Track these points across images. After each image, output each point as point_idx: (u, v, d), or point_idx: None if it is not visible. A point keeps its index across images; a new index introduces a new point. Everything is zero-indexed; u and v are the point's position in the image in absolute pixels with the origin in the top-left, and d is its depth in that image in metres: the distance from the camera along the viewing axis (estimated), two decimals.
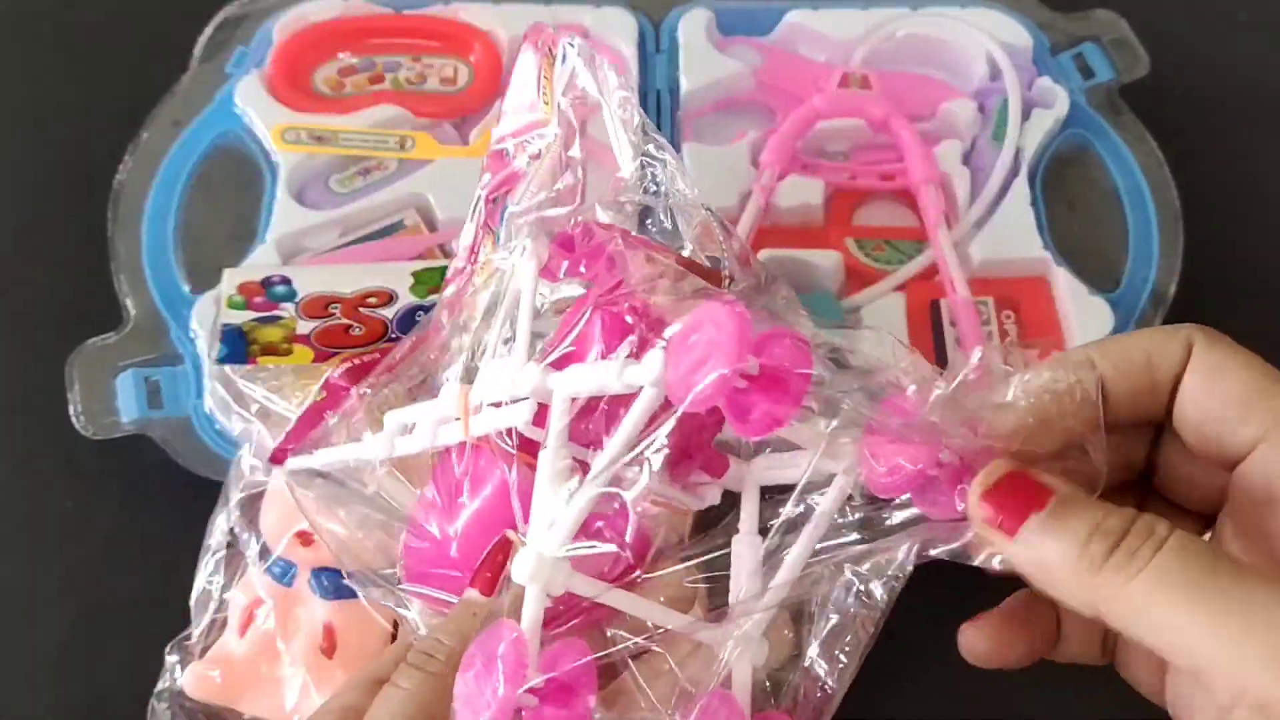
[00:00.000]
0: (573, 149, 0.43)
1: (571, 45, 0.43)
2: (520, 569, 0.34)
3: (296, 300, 0.53)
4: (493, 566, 0.38)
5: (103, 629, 0.52)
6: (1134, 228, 0.59)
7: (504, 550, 0.38)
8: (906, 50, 0.64)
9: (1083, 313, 0.55)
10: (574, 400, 0.37)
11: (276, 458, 0.45)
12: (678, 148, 0.60)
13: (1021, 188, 0.59)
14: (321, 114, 0.61)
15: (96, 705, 0.50)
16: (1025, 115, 0.61)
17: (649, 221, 0.43)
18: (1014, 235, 0.58)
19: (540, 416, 0.37)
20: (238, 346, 0.51)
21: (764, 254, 0.56)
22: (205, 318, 0.54)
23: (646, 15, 0.64)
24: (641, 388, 0.34)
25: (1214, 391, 0.34)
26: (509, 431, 0.38)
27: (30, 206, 0.64)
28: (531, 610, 0.34)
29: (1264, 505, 0.34)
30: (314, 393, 0.46)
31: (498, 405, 0.38)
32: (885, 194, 0.61)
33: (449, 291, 0.45)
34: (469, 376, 0.41)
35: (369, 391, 0.44)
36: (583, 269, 0.40)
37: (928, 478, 0.34)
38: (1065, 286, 0.56)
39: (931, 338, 0.55)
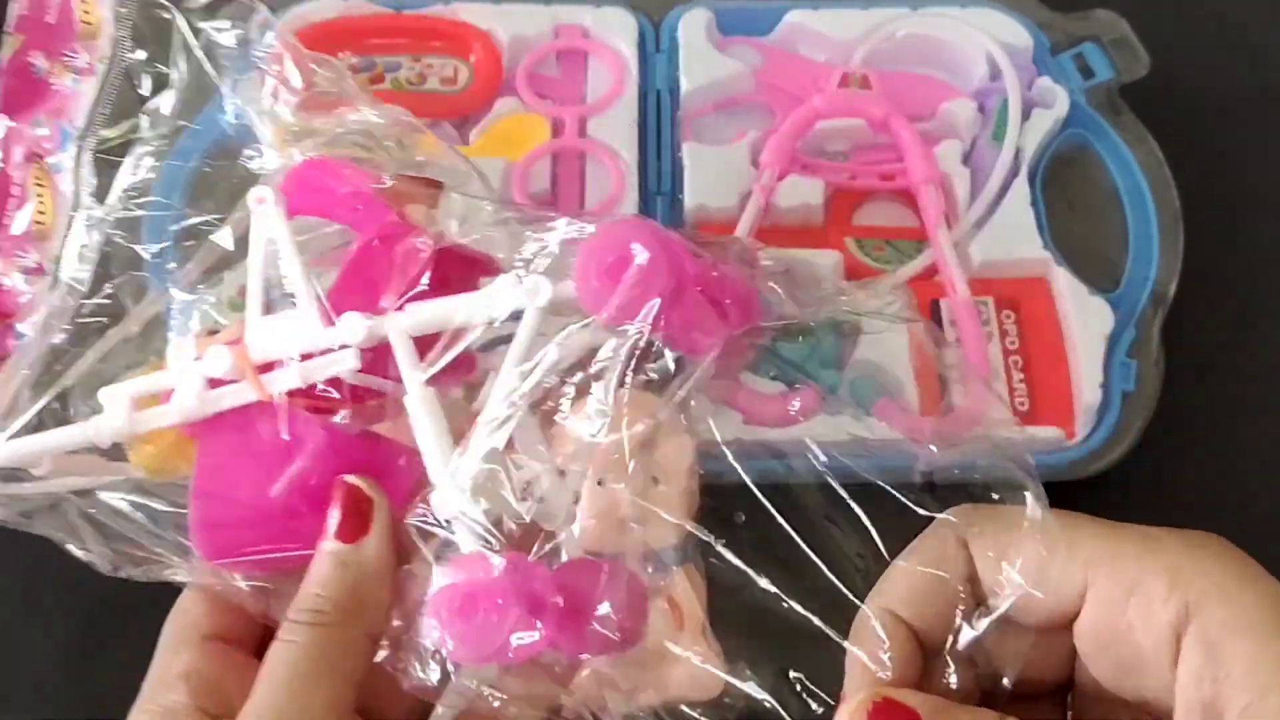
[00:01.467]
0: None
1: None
2: (445, 504, 0.35)
3: None
4: (356, 514, 0.37)
5: (104, 629, 0.52)
6: (1134, 228, 0.59)
7: (354, 496, 0.37)
8: (906, 50, 0.63)
9: (1083, 313, 0.55)
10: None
11: None
12: (678, 148, 0.60)
13: (1021, 188, 0.59)
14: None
15: (97, 706, 0.50)
16: (1025, 115, 0.61)
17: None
18: (1014, 235, 0.58)
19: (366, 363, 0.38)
20: None
21: (764, 254, 0.56)
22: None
23: (646, 15, 0.64)
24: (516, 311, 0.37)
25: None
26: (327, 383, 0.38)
27: None
28: (475, 531, 0.35)
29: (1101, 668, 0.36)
30: None
31: (308, 358, 0.38)
32: (885, 194, 0.61)
33: None
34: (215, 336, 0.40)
35: None
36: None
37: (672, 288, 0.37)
38: (1065, 286, 0.56)
39: None
